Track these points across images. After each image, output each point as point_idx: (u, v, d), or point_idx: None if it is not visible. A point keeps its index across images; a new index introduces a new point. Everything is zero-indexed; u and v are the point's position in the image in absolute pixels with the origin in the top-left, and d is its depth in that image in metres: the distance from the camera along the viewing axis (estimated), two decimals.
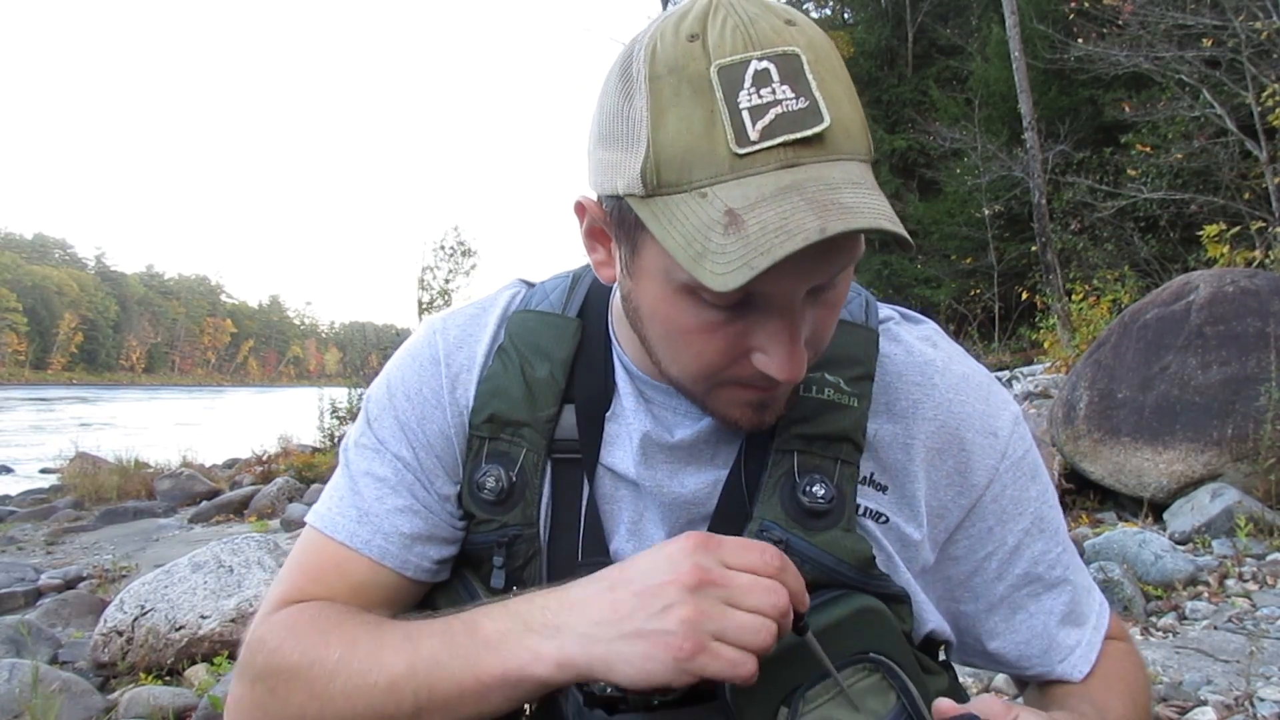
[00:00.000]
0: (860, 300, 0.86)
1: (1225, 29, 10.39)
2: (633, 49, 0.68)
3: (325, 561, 0.85)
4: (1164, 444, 4.58)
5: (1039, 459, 0.87)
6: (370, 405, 0.90)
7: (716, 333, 0.69)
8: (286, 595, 0.85)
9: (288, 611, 0.82)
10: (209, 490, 8.84)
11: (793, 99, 0.61)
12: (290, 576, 0.86)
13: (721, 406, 0.76)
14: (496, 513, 0.83)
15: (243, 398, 64.87)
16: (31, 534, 7.35)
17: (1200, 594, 3.55)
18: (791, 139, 0.61)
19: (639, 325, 0.76)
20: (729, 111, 0.61)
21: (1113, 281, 11.17)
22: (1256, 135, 10.61)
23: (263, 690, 0.78)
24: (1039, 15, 13.75)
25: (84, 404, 45.05)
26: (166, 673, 3.25)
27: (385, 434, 0.87)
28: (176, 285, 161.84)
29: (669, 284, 0.68)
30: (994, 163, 14.27)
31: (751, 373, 0.71)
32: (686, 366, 0.73)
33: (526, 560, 0.83)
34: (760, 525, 0.77)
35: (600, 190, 0.73)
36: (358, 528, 0.85)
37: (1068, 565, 0.88)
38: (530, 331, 0.87)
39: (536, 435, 0.83)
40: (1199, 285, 5.04)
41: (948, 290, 16.95)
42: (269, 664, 0.78)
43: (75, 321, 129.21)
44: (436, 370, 0.87)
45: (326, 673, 0.75)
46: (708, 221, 0.62)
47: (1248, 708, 2.47)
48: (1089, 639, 0.88)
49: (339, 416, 11.17)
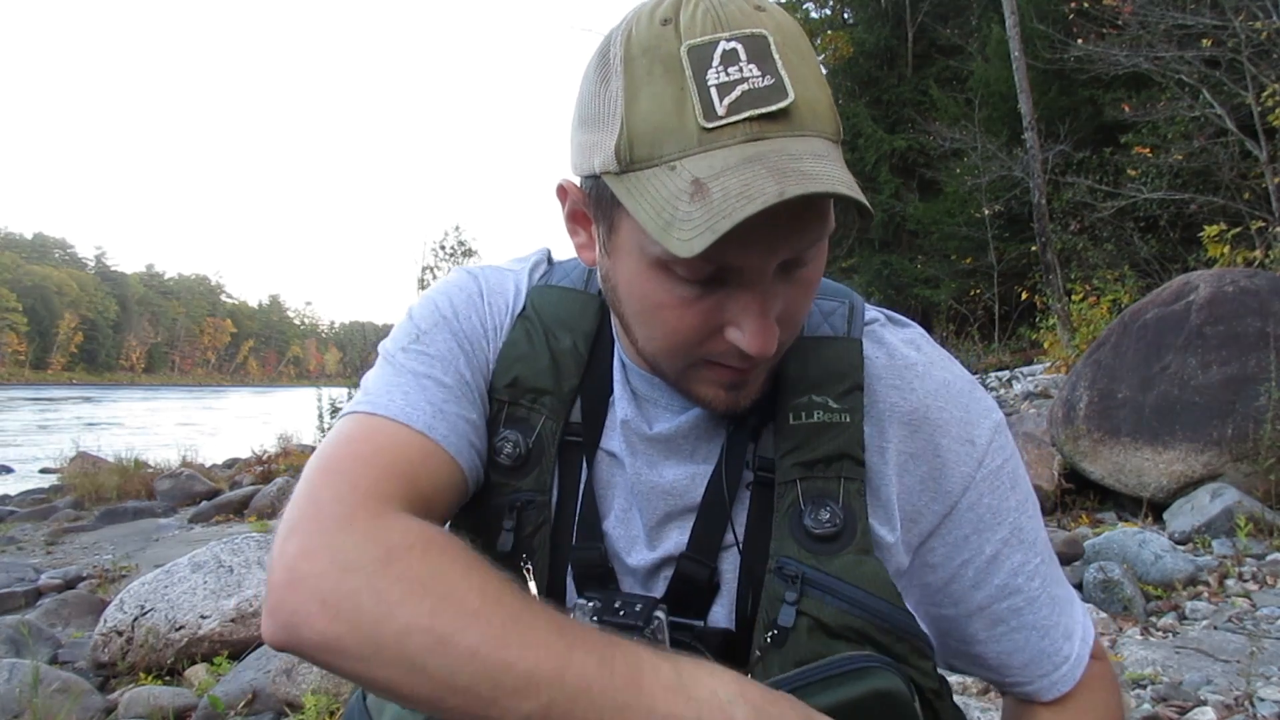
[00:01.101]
0: (843, 310, 0.86)
1: (1225, 29, 10.39)
2: (610, 36, 0.71)
3: (414, 457, 0.74)
4: (1164, 444, 4.58)
5: (1020, 469, 0.86)
6: (418, 318, 0.86)
7: (690, 308, 0.70)
8: (384, 492, 0.70)
9: (405, 537, 0.66)
10: (209, 490, 8.84)
11: (759, 77, 0.64)
12: (369, 473, 0.71)
13: (696, 386, 0.77)
14: (511, 477, 0.83)
15: (243, 398, 64.86)
16: (31, 534, 7.35)
17: (1200, 594, 3.55)
18: (756, 114, 0.64)
19: (617, 304, 0.77)
20: (698, 88, 0.64)
21: (1113, 281, 11.16)
22: (1256, 135, 10.61)
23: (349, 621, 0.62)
24: (1039, 15, 13.74)
25: (84, 404, 45.04)
26: (166, 673, 3.25)
27: (441, 348, 0.83)
28: (176, 285, 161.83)
29: (643, 259, 0.70)
30: (994, 163, 14.26)
31: (725, 348, 0.72)
32: (662, 343, 0.74)
33: (536, 527, 0.83)
34: (777, 562, 0.76)
35: (580, 172, 0.75)
36: (435, 421, 0.77)
37: (1047, 577, 0.85)
38: (553, 304, 0.88)
39: (557, 404, 0.84)
40: (1199, 285, 5.04)
41: (947, 290, 16.95)
42: (377, 614, 0.62)
43: (75, 321, 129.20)
44: (480, 304, 0.88)
45: (447, 637, 0.61)
46: (675, 192, 0.64)
47: (1248, 708, 2.47)
48: (1075, 656, 0.86)
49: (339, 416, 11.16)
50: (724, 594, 0.81)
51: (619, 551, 0.84)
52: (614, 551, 0.84)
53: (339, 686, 2.85)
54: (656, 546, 0.83)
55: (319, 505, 0.69)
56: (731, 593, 0.81)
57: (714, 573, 0.80)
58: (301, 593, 0.64)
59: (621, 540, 0.84)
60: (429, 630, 0.61)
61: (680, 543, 0.82)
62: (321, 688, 2.77)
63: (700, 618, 0.81)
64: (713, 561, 0.81)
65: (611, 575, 0.84)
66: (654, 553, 0.83)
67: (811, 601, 0.74)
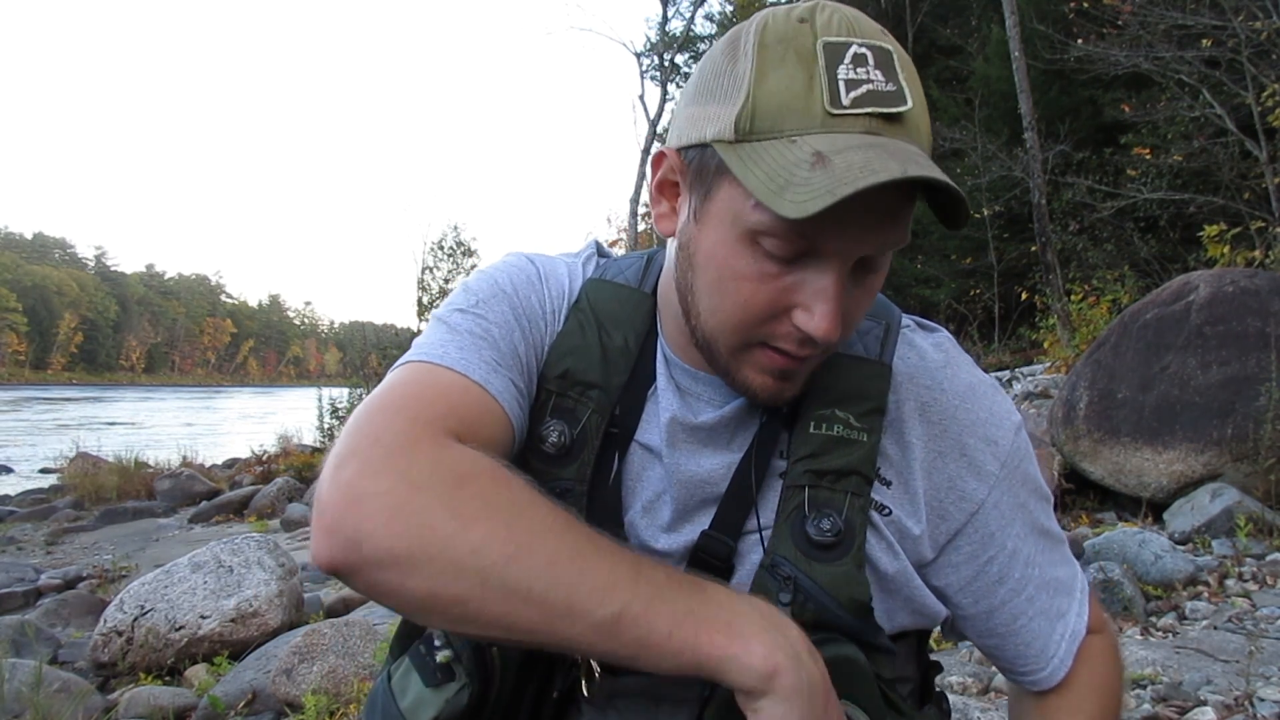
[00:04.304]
0: (878, 331, 0.88)
1: (1225, 29, 10.38)
2: (740, 29, 0.75)
3: (472, 404, 0.75)
4: (1164, 444, 4.59)
5: (1036, 466, 0.90)
6: (475, 288, 0.86)
7: (766, 283, 0.73)
8: (447, 427, 0.70)
9: (473, 460, 0.67)
10: (209, 490, 8.86)
11: (883, 82, 0.69)
12: (429, 410, 0.71)
13: (746, 370, 0.78)
14: (553, 465, 0.84)
15: (243, 398, 64.85)
16: (31, 534, 7.36)
17: (1200, 594, 3.55)
18: (879, 112, 0.69)
19: (689, 274, 0.78)
20: (828, 78, 0.68)
21: (1112, 281, 11.16)
22: (1256, 135, 10.60)
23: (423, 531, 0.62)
24: (1039, 15, 13.72)
25: (85, 404, 45.02)
26: (166, 673, 3.26)
27: (498, 317, 0.84)
28: (176, 285, 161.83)
29: (734, 229, 0.72)
30: (994, 163, 14.24)
31: (787, 330, 0.74)
32: (728, 316, 0.75)
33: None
34: (773, 559, 0.79)
35: (684, 141, 0.77)
36: (491, 376, 0.78)
37: (1057, 561, 0.90)
38: (607, 299, 0.90)
39: (605, 399, 0.85)
40: (1199, 285, 5.05)
41: (947, 290, 16.93)
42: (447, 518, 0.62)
43: (75, 321, 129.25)
44: (540, 286, 0.89)
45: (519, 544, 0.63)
46: (795, 161, 0.67)
47: (1248, 708, 2.47)
48: (1072, 629, 0.90)
49: (339, 416, 11.17)
50: (745, 577, 0.83)
51: (646, 539, 0.85)
52: (641, 540, 0.86)
53: (338, 687, 2.84)
54: (683, 530, 0.85)
55: (378, 434, 0.68)
56: (751, 577, 0.82)
57: (732, 550, 0.82)
58: (368, 507, 0.62)
59: (648, 529, 0.86)
60: (507, 541, 0.62)
61: (706, 526, 0.84)
62: (321, 688, 2.77)
63: None
64: (733, 541, 0.83)
65: None
66: (680, 536, 0.85)
67: (796, 605, 0.78)
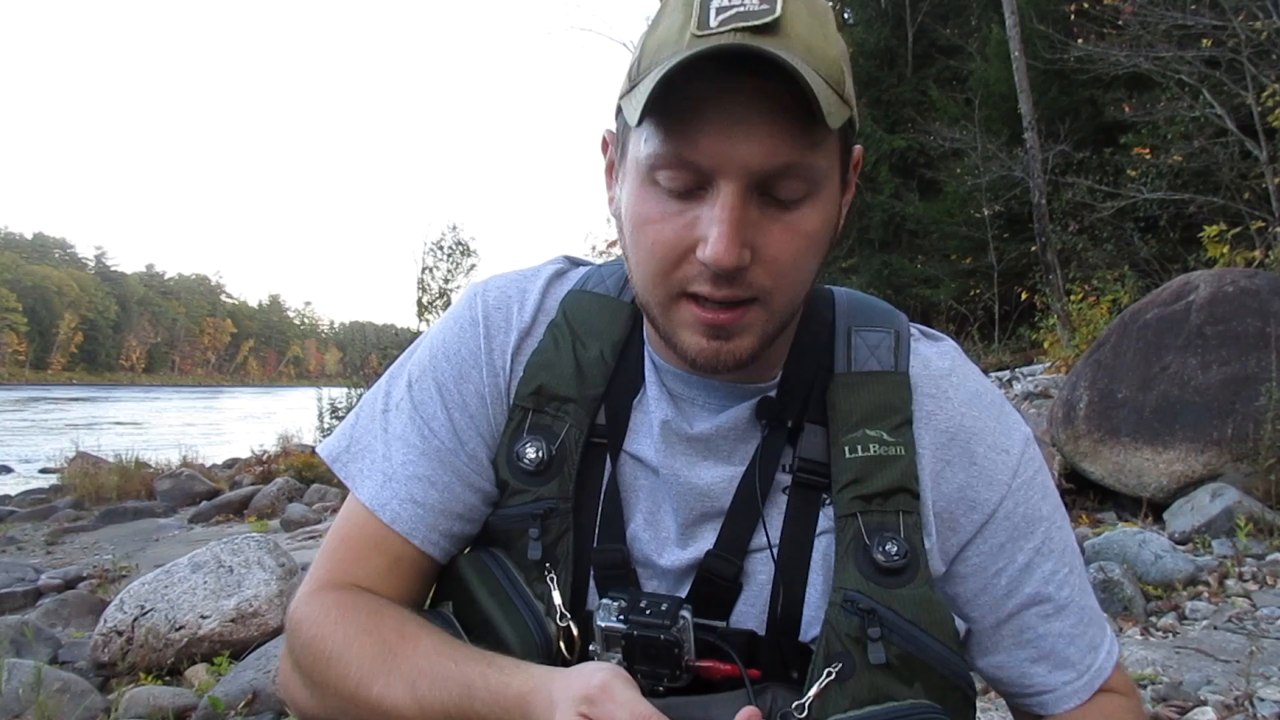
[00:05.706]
0: (889, 341, 0.87)
1: (1225, 29, 10.37)
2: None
3: (367, 537, 0.88)
4: (1164, 444, 4.58)
5: (1050, 480, 0.88)
6: (412, 367, 0.92)
7: (669, 221, 0.73)
8: (331, 578, 0.88)
9: (327, 600, 0.85)
10: (209, 490, 8.84)
11: (756, 3, 0.69)
12: (333, 549, 0.90)
13: (681, 333, 0.77)
14: (533, 483, 0.84)
15: (243, 398, 64.82)
16: (31, 534, 7.35)
17: (1200, 594, 3.55)
18: (743, 26, 0.68)
19: (623, 242, 0.80)
20: (700, 7, 0.70)
21: (1112, 281, 11.15)
22: (1256, 135, 10.58)
23: (301, 675, 0.85)
24: (1039, 15, 13.71)
25: (85, 404, 45.02)
26: (166, 673, 3.25)
27: (422, 396, 0.90)
28: (176, 285, 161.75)
29: (638, 175, 0.75)
30: (994, 163, 14.22)
31: (697, 271, 0.73)
32: (645, 267, 0.76)
33: (559, 535, 0.84)
34: (844, 595, 0.77)
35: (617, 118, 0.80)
36: (380, 491, 0.88)
37: (1076, 588, 0.87)
38: (585, 311, 0.90)
39: (581, 412, 0.85)
40: (1199, 285, 5.05)
41: (947, 290, 16.92)
42: (307, 651, 0.84)
43: (75, 321, 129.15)
44: (475, 331, 0.90)
45: (347, 678, 0.80)
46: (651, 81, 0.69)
47: (1248, 708, 2.47)
48: (1097, 668, 0.86)
49: (339, 416, 11.17)
50: (754, 596, 0.82)
51: (650, 554, 0.85)
52: (645, 554, 0.85)
53: None
54: (689, 547, 0.84)
55: (313, 572, 0.91)
56: (764, 596, 0.81)
57: (739, 571, 0.81)
58: (284, 667, 0.89)
59: (651, 543, 0.85)
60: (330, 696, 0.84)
61: (710, 543, 0.83)
62: None
63: (724, 618, 0.82)
64: (740, 560, 0.81)
65: (633, 576, 0.85)
66: (686, 553, 0.83)
67: (885, 642, 0.75)
